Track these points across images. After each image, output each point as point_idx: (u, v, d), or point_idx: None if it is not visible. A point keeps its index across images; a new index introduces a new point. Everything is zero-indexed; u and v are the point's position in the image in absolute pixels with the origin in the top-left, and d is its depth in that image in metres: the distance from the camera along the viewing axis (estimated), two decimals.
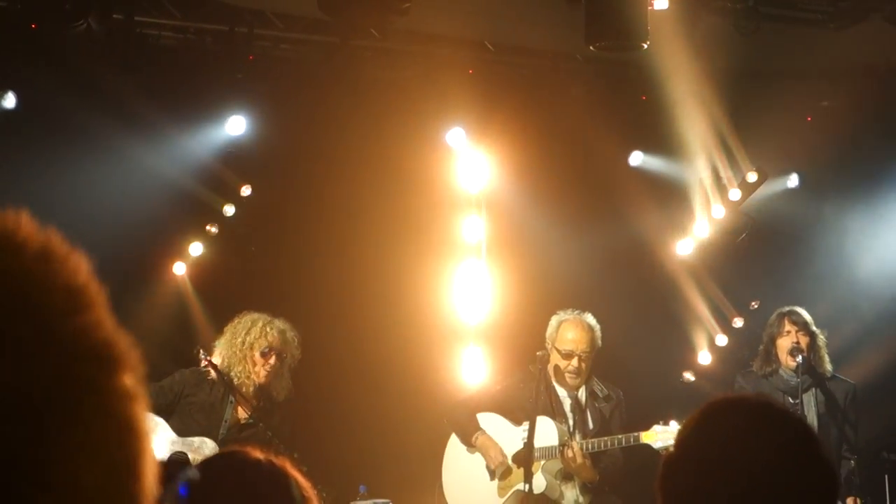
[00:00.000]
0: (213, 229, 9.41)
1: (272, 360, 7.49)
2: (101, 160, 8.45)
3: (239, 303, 8.95)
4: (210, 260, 9.51)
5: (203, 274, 9.48)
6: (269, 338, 7.51)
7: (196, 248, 9.49)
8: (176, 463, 6.61)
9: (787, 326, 7.91)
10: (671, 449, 2.42)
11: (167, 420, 7.32)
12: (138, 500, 1.27)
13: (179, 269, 9.48)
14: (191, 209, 9.30)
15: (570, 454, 7.49)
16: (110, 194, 8.54)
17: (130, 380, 1.27)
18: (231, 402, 7.52)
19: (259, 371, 7.49)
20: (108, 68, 8.32)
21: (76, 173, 8.38)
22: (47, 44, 8.09)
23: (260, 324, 7.56)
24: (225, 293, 9.21)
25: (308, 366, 9.22)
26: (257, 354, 7.50)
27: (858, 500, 7.65)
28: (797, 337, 7.85)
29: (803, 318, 7.93)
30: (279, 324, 7.62)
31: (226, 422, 7.49)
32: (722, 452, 2.30)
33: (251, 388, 7.52)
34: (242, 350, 7.51)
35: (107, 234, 8.44)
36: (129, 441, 1.25)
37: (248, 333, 7.53)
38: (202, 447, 7.29)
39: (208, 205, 9.36)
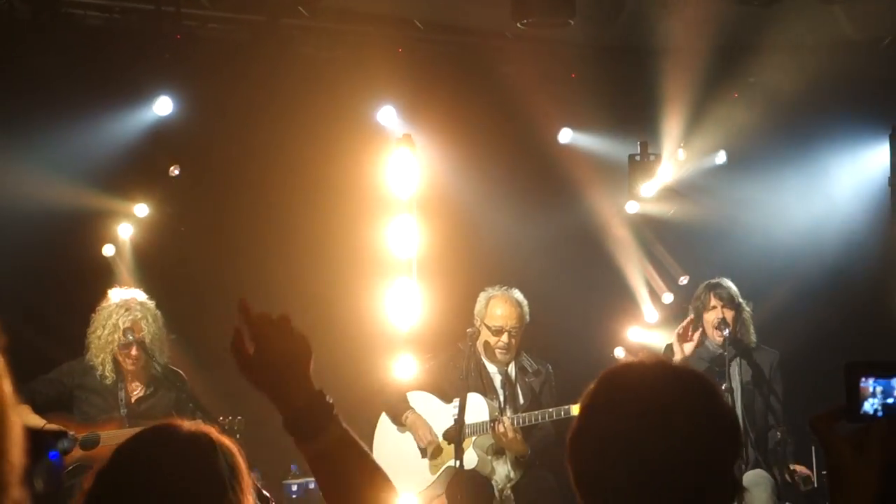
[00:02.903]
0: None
1: (133, 352, 7.47)
2: (26, 142, 8.35)
3: (170, 282, 8.92)
4: (140, 241, 9.44)
5: (133, 254, 9.42)
6: (119, 336, 7.45)
7: (125, 230, 9.41)
8: (49, 433, 6.53)
9: (714, 301, 7.97)
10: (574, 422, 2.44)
11: (67, 413, 7.24)
12: (3, 475, 1.22)
13: (109, 250, 9.40)
14: (119, 190, 9.22)
15: (501, 429, 7.53)
16: (35, 177, 8.45)
17: None
18: (121, 385, 7.52)
19: (126, 363, 7.49)
20: (32, 48, 8.22)
21: None
22: None
23: (112, 320, 7.50)
24: (156, 273, 9.16)
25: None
26: (118, 349, 7.48)
27: (797, 468, 7.71)
28: (723, 312, 7.92)
29: (729, 292, 7.99)
30: (131, 314, 7.52)
31: (122, 401, 7.49)
32: (622, 416, 2.32)
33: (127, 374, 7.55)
34: (102, 345, 7.49)
35: (33, 218, 8.38)
36: None
37: (104, 328, 7.49)
38: None
39: (137, 185, 9.28)
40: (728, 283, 8.06)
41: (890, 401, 2.24)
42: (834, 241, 9.82)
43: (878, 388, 2.25)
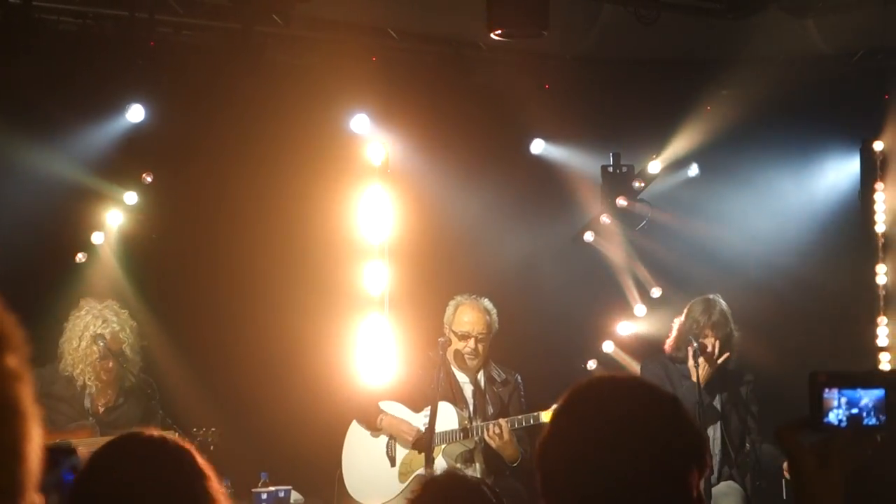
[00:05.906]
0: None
1: (110, 364, 7.47)
2: None
3: (143, 290, 8.91)
4: (113, 248, 9.40)
5: (108, 261, 9.39)
6: (99, 349, 7.44)
7: (98, 237, 9.37)
8: (60, 450, 6.53)
9: (710, 335, 7.83)
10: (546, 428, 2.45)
11: None
12: (20, 482, 1.23)
13: (82, 258, 9.36)
14: (92, 199, 9.18)
15: (496, 430, 7.54)
16: (6, 187, 8.41)
17: (15, 360, 1.24)
18: (89, 393, 7.51)
19: (101, 374, 7.48)
20: (3, 54, 8.17)
21: None
22: None
23: (90, 331, 7.48)
24: (129, 281, 9.14)
25: (208, 355, 9.18)
26: (96, 361, 7.47)
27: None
28: (713, 347, 7.77)
29: (724, 331, 7.88)
30: (109, 326, 7.51)
31: (88, 409, 7.48)
32: (590, 426, 2.33)
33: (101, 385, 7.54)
34: (80, 356, 7.48)
35: (5, 228, 8.33)
36: (13, 422, 1.22)
37: (81, 340, 7.49)
38: None
39: (109, 194, 9.24)
40: (727, 311, 7.94)
41: (855, 411, 2.26)
42: (804, 253, 9.84)
43: (843, 399, 2.27)
